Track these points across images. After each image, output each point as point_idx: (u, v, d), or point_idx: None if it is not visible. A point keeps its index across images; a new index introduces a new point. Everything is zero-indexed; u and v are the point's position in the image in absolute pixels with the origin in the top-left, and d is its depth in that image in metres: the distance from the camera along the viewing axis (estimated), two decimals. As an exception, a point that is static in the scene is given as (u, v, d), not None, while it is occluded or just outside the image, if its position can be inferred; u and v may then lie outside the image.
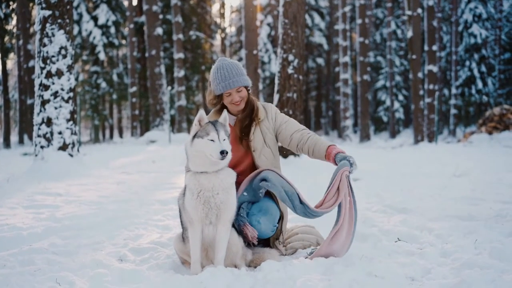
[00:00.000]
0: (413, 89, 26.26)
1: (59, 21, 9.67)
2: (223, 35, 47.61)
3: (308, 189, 5.79)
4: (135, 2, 32.49)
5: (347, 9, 33.44)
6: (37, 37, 9.79)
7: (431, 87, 25.77)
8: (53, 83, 9.65)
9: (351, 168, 3.69)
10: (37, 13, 9.78)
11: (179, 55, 27.73)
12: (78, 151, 10.05)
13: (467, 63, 34.62)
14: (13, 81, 43.49)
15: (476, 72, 34.28)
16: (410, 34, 26.09)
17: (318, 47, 44.43)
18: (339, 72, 35.18)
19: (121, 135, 42.38)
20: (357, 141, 30.51)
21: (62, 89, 9.70)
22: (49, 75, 9.67)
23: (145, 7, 26.67)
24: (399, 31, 42.29)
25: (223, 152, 3.31)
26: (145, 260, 3.97)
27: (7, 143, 27.41)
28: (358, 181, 8.92)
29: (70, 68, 9.86)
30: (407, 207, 6.04)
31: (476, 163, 11.54)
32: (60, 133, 9.63)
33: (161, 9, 30.20)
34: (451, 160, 12.26)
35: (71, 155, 9.74)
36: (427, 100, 25.94)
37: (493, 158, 13.11)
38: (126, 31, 32.85)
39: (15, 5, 28.43)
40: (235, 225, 3.78)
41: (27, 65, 29.35)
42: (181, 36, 28.27)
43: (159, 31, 26.64)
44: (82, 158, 10.54)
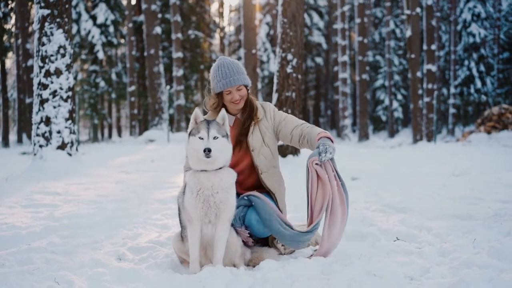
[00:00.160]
0: (412, 88, 26.27)
1: (58, 20, 9.66)
2: (222, 34, 47.59)
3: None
4: (133, 1, 32.50)
5: (346, 8, 33.43)
6: (36, 36, 9.79)
7: (430, 86, 25.78)
8: (52, 82, 9.65)
9: (321, 156, 3.58)
10: (36, 12, 9.78)
11: (177, 54, 27.72)
12: (76, 150, 10.04)
13: (466, 62, 34.66)
14: (11, 80, 43.38)
15: (475, 71, 34.32)
16: (409, 33, 26.09)
17: (317, 46, 44.41)
18: (338, 71, 35.22)
19: (119, 134, 42.38)
20: (356, 141, 30.54)
21: (60, 88, 9.69)
22: (47, 74, 9.66)
23: (144, 6, 26.68)
24: (398, 31, 42.32)
25: (205, 150, 3.32)
26: (144, 259, 3.96)
27: (5, 142, 27.39)
28: (356, 181, 8.93)
29: (68, 67, 9.85)
30: (406, 207, 6.04)
31: (475, 162, 11.54)
32: (58, 132, 9.62)
33: (160, 8, 30.16)
34: (449, 159, 12.27)
35: (70, 154, 9.74)
36: (426, 99, 25.96)
37: (492, 157, 13.12)
38: (124, 30, 32.81)
39: (13, 4, 28.38)
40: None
41: (25, 64, 29.31)
42: (180, 35, 28.27)
43: (158, 30, 26.64)
44: (80, 157, 10.54)
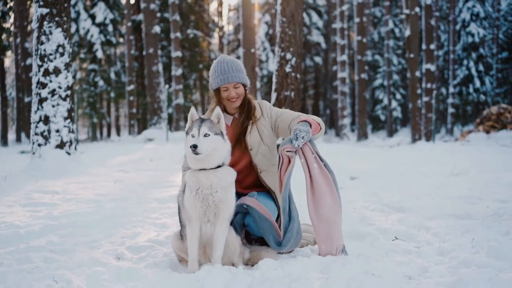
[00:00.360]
0: (410, 88, 26.27)
1: (57, 19, 9.66)
2: (221, 34, 47.59)
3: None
4: (132, 0, 32.44)
5: (345, 7, 33.42)
6: (35, 35, 9.78)
7: (429, 86, 25.78)
8: (51, 81, 9.64)
9: (294, 143, 3.61)
10: (35, 11, 9.77)
11: (176, 54, 27.71)
12: (75, 149, 10.04)
13: (465, 62, 34.68)
14: (10, 79, 43.41)
15: (473, 71, 34.34)
16: (408, 32, 26.09)
17: (316, 45, 44.43)
18: (337, 70, 35.20)
19: (118, 133, 42.37)
20: (355, 140, 30.53)
21: (59, 87, 9.69)
22: (46, 73, 9.65)
23: (143, 5, 26.67)
24: (397, 30, 42.33)
25: (191, 146, 3.33)
26: (143, 258, 3.96)
27: (4, 141, 27.39)
28: (355, 180, 8.94)
29: (67, 66, 9.84)
30: (405, 206, 6.04)
31: (473, 162, 11.54)
32: (57, 131, 9.62)
33: (158, 7, 30.13)
34: (448, 159, 12.27)
35: (69, 153, 9.74)
36: (425, 99, 25.96)
37: (491, 157, 13.11)
38: (123, 29, 32.82)
39: (12, 3, 28.38)
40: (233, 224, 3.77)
41: (24, 63, 29.30)
42: (179, 34, 28.25)
43: (157, 29, 26.62)
44: (79, 156, 10.53)
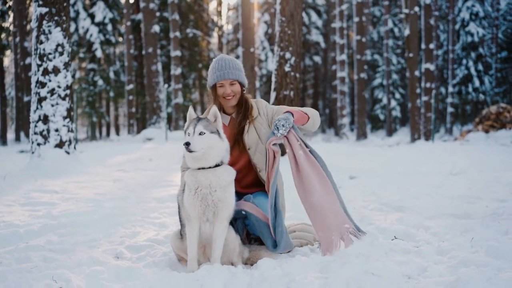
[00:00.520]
0: (410, 87, 26.28)
1: (56, 18, 9.65)
2: (220, 33, 47.59)
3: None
4: (132, -1, 32.45)
5: (344, 7, 33.42)
6: (34, 34, 9.78)
7: (428, 85, 25.79)
8: (50, 81, 9.64)
9: (276, 134, 3.67)
10: (34, 10, 9.77)
11: (176, 53, 27.70)
12: (74, 148, 10.04)
13: (464, 61, 34.68)
14: (9, 78, 43.39)
15: (473, 70, 34.34)
16: (407, 32, 26.10)
17: (315, 45, 44.42)
18: (336, 70, 35.22)
19: (117, 132, 42.33)
20: (354, 139, 30.52)
21: (58, 87, 9.69)
22: (45, 73, 9.65)
23: (142, 4, 26.67)
24: (396, 29, 42.34)
25: (184, 143, 3.34)
26: (142, 257, 3.96)
27: (3, 141, 27.37)
28: (355, 180, 8.93)
29: (67, 65, 9.84)
30: (404, 205, 6.04)
31: (472, 161, 11.55)
32: (56, 131, 9.62)
33: (158, 6, 30.11)
34: (447, 158, 12.27)
35: (68, 153, 9.74)
36: (424, 98, 25.98)
37: (490, 156, 13.12)
38: (123, 28, 32.80)
39: (11, 2, 28.36)
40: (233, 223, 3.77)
41: (23, 62, 29.28)
42: (178, 33, 28.24)
43: (156, 28, 26.61)
44: (78, 155, 10.53)
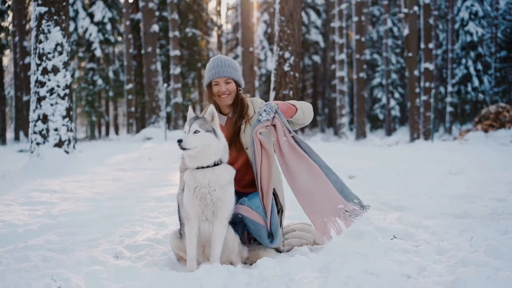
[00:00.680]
0: (409, 87, 26.28)
1: (55, 17, 9.65)
2: (219, 32, 47.54)
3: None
4: (131, -1, 32.42)
5: (344, 6, 33.41)
6: (33, 33, 9.77)
7: (427, 85, 25.81)
8: (49, 80, 9.63)
9: (259, 119, 3.70)
10: (33, 10, 9.76)
11: (175, 52, 27.68)
12: (74, 148, 10.04)
13: (463, 61, 34.67)
14: (9, 78, 43.32)
15: (472, 70, 34.33)
16: (406, 32, 26.14)
17: (314, 44, 44.42)
18: (335, 69, 35.19)
19: (117, 132, 42.28)
20: (353, 139, 30.50)
21: (58, 86, 9.68)
22: (45, 72, 9.65)
23: (141, 4, 26.64)
24: (396, 29, 42.33)
25: (177, 140, 3.35)
26: (141, 257, 3.96)
27: (2, 140, 27.35)
28: (353, 179, 8.93)
29: (66, 64, 9.84)
30: (403, 205, 6.05)
31: (472, 161, 11.55)
32: (56, 130, 9.61)
33: (157, 6, 30.08)
34: (447, 158, 12.27)
35: (67, 152, 9.73)
36: (423, 98, 26.00)
37: (489, 156, 13.12)
38: (122, 28, 32.76)
39: (11, 2, 28.33)
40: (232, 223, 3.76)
41: (23, 61, 29.25)
42: (177, 33, 28.23)
43: (155, 28, 26.59)
44: (78, 155, 10.53)
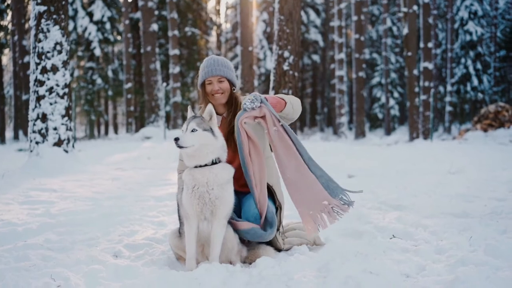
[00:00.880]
0: (408, 86, 26.27)
1: (54, 16, 9.64)
2: (219, 32, 47.53)
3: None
4: (130, -2, 32.40)
5: (343, 5, 33.39)
6: (32, 32, 9.76)
7: (427, 84, 25.80)
8: (48, 79, 9.63)
9: (244, 108, 3.67)
10: (32, 9, 9.75)
11: (174, 52, 27.67)
12: (73, 147, 10.03)
13: (463, 60, 34.68)
14: (8, 77, 43.28)
15: (471, 69, 34.34)
16: (405, 31, 26.10)
17: (313, 43, 44.42)
18: (335, 69, 35.18)
19: (116, 131, 42.25)
20: (352, 138, 30.51)
21: (57, 85, 9.68)
22: (44, 71, 9.64)
23: (141, 3, 26.61)
24: (395, 28, 42.33)
25: (174, 139, 3.35)
26: (140, 256, 3.96)
27: (2, 139, 27.35)
28: (353, 178, 8.94)
29: (65, 63, 9.83)
30: (402, 204, 6.05)
31: (471, 160, 11.56)
32: (55, 129, 9.61)
33: (156, 5, 30.08)
34: (446, 157, 12.27)
35: (66, 151, 9.73)
36: (423, 97, 25.99)
37: (488, 155, 13.13)
38: (121, 27, 32.74)
39: (10, 1, 28.32)
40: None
41: (22, 60, 29.26)
42: (177, 32, 28.21)
43: (155, 27, 26.58)
44: (77, 154, 10.52)
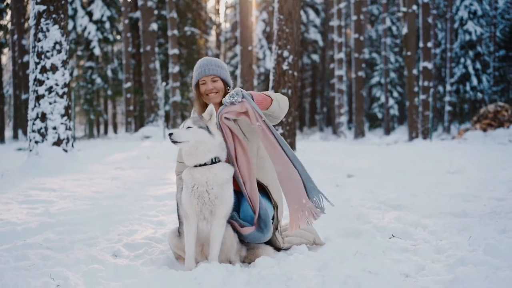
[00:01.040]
0: (408, 85, 26.29)
1: (54, 16, 9.63)
2: (218, 31, 47.58)
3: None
4: (130, -3, 32.40)
5: (342, 5, 33.41)
6: (32, 32, 9.76)
7: (426, 84, 25.80)
8: (48, 78, 9.62)
9: (224, 104, 3.60)
10: (32, 8, 9.75)
11: (173, 51, 27.67)
12: (72, 146, 10.03)
13: (462, 60, 34.69)
14: (7, 76, 43.29)
15: (471, 69, 34.35)
16: (405, 30, 26.12)
17: (313, 43, 44.42)
18: (334, 68, 35.21)
19: (115, 130, 42.28)
20: (352, 138, 30.53)
21: (56, 84, 9.67)
22: (43, 70, 9.63)
23: (140, 2, 26.61)
24: (394, 28, 42.33)
25: (169, 133, 3.37)
26: (140, 255, 3.96)
27: (1, 138, 27.36)
28: (352, 178, 8.94)
29: (64, 63, 9.83)
30: (401, 204, 6.05)
31: (470, 160, 11.56)
32: (54, 128, 9.61)
33: (156, 4, 30.08)
34: (445, 157, 12.28)
35: (66, 151, 9.73)
36: (422, 97, 25.99)
37: (488, 155, 13.13)
38: (121, 26, 32.73)
39: (9, 0, 28.29)
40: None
41: (21, 60, 29.25)
42: (176, 31, 28.22)
43: (154, 26, 26.58)
44: (76, 153, 10.52)
